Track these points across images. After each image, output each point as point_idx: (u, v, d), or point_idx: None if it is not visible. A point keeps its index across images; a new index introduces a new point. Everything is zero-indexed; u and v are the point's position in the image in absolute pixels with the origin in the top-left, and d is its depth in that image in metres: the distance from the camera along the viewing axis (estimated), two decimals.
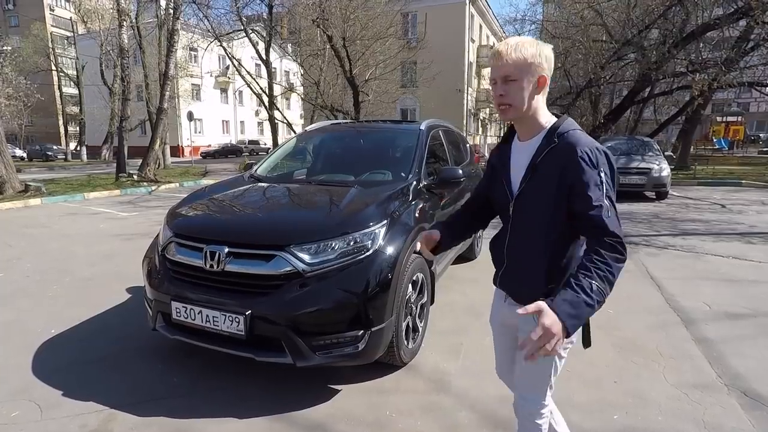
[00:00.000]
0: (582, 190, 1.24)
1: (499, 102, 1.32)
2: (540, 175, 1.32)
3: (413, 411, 2.34)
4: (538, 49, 1.29)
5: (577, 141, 1.28)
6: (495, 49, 1.32)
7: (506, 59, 1.28)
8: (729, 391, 2.47)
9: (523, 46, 1.28)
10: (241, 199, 3.01)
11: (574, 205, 1.26)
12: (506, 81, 1.29)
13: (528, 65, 1.27)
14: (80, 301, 3.86)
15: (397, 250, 2.49)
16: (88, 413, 2.32)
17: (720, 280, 4.36)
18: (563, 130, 1.31)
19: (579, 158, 1.25)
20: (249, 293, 2.30)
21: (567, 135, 1.30)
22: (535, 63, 1.28)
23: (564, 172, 1.26)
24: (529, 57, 1.27)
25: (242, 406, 2.38)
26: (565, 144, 1.28)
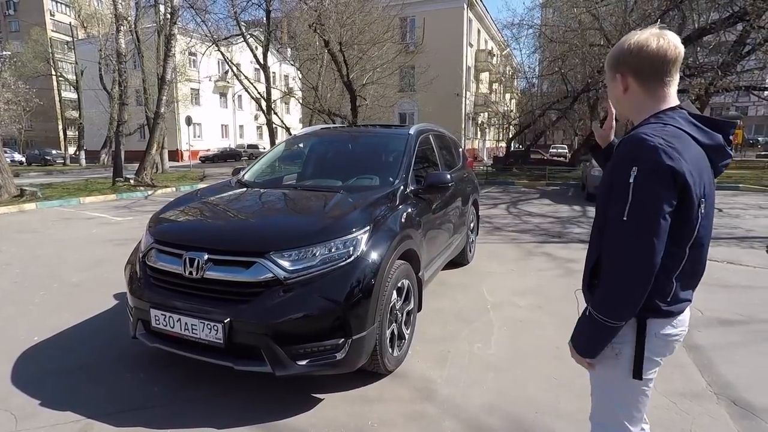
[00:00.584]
0: (613, 187, 1.13)
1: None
2: (607, 167, 1.26)
3: (396, 420, 2.30)
4: (623, 44, 1.21)
5: (630, 137, 1.13)
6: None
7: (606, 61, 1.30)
8: (718, 400, 2.42)
9: (619, 44, 1.23)
10: (224, 205, 2.98)
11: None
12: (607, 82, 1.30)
13: (610, 67, 1.26)
14: (66, 308, 3.82)
15: (381, 256, 2.45)
16: (63, 423, 2.27)
17: (714, 286, 4.31)
18: (636, 128, 1.18)
19: (621, 148, 1.14)
20: (228, 301, 2.26)
21: (632, 133, 1.15)
22: (615, 64, 1.24)
23: (613, 163, 1.16)
24: (613, 57, 1.24)
25: (222, 415, 2.33)
26: (622, 142, 1.17)
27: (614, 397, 1.30)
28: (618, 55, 1.22)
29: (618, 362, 1.25)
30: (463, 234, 4.65)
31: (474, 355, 2.99)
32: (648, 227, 1.07)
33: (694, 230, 1.14)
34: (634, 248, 1.09)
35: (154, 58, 19.22)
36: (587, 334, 1.23)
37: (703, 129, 1.17)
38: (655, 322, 1.21)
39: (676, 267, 1.17)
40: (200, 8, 15.42)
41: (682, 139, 1.11)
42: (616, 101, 1.29)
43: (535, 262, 5.27)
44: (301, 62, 18.56)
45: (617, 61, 1.23)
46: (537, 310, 3.75)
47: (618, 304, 1.15)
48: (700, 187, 1.10)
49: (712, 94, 12.45)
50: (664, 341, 1.24)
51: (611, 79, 1.27)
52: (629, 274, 1.11)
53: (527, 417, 2.31)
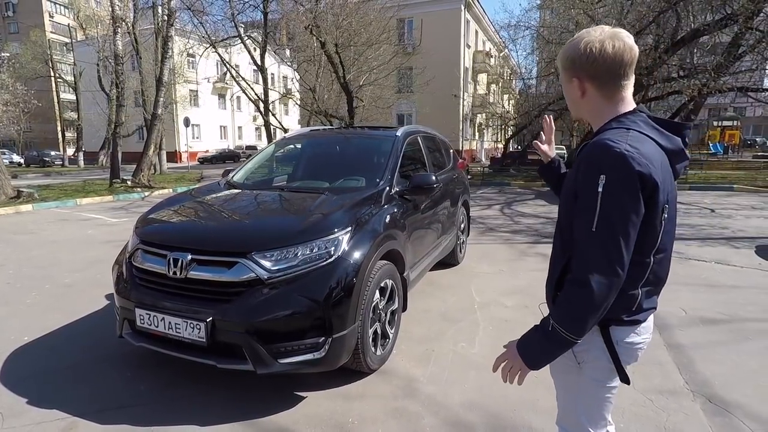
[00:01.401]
0: (578, 196, 1.10)
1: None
2: (569, 174, 1.23)
3: (377, 417, 2.34)
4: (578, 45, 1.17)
5: (596, 142, 1.09)
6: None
7: (558, 62, 1.25)
8: (694, 398, 2.46)
9: (569, 45, 1.19)
10: (210, 207, 3.02)
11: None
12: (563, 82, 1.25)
13: (564, 69, 1.22)
14: (57, 308, 3.86)
15: (362, 256, 2.49)
16: (49, 421, 2.31)
17: (700, 285, 4.36)
18: (602, 130, 1.16)
19: (585, 155, 1.10)
20: (211, 300, 2.30)
21: (597, 137, 1.12)
22: (566, 67, 1.21)
23: (577, 171, 1.13)
24: (566, 59, 1.20)
25: (206, 413, 2.37)
26: (588, 146, 1.12)
27: (579, 403, 1.29)
28: (574, 59, 1.17)
29: (581, 371, 1.24)
30: (453, 234, 4.69)
31: (457, 354, 3.03)
32: (618, 238, 1.03)
33: (658, 237, 1.12)
34: (604, 261, 1.05)
35: (152, 59, 19.27)
36: (543, 346, 1.16)
37: (663, 132, 1.16)
38: (619, 330, 1.19)
39: (642, 276, 1.15)
40: (197, 10, 15.47)
41: (646, 144, 1.09)
42: (574, 105, 1.26)
43: (527, 263, 5.31)
44: (299, 63, 18.63)
45: (573, 64, 1.18)
46: (523, 310, 3.79)
47: (583, 319, 1.08)
48: (664, 193, 1.09)
49: (705, 95, 12.50)
50: (629, 349, 1.21)
51: (567, 82, 1.22)
52: (598, 289, 1.05)
53: (506, 414, 2.35)
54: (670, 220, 1.15)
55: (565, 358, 1.22)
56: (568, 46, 1.20)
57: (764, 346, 3.05)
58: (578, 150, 1.20)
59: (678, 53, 13.47)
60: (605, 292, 1.05)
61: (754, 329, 3.33)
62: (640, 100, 17.24)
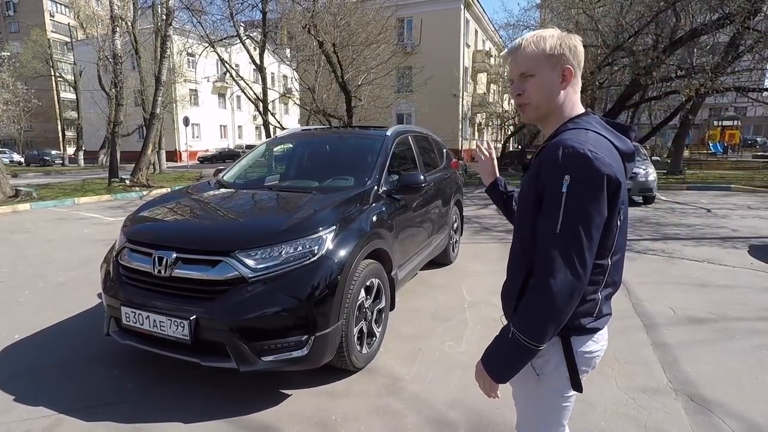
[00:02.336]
0: (543, 198, 1.08)
1: (518, 102, 1.20)
2: (526, 177, 1.18)
3: (360, 416, 2.36)
4: (561, 41, 1.14)
5: (559, 140, 1.08)
6: (512, 44, 1.20)
7: (520, 54, 1.16)
8: (676, 396, 2.48)
9: (543, 38, 1.14)
10: (198, 206, 3.04)
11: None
12: (522, 77, 1.17)
13: (547, 57, 1.13)
14: (49, 307, 3.88)
15: (347, 255, 2.51)
16: (35, 418, 2.33)
17: (690, 285, 4.37)
18: (562, 129, 1.15)
19: (547, 156, 1.08)
20: (195, 298, 2.32)
21: (560, 136, 1.11)
22: (556, 53, 1.13)
23: (538, 173, 1.10)
24: (548, 49, 1.13)
25: (190, 410, 2.39)
26: (551, 145, 1.10)
27: (538, 413, 1.28)
28: (563, 47, 1.14)
29: (540, 382, 1.22)
30: (445, 234, 4.70)
31: (444, 353, 3.05)
32: (581, 240, 1.02)
33: (615, 238, 1.12)
34: (567, 263, 1.02)
35: (151, 59, 19.30)
36: (506, 355, 1.13)
37: (616, 134, 1.16)
38: (578, 340, 1.17)
39: (602, 279, 1.13)
40: (196, 9, 15.47)
41: (605, 145, 1.09)
42: (546, 99, 1.17)
43: None
44: (298, 63, 18.63)
45: (563, 52, 1.13)
46: None
47: (546, 325, 1.06)
48: (624, 193, 1.09)
49: (703, 95, 12.49)
50: (587, 359, 1.20)
51: (548, 73, 1.15)
52: (561, 292, 1.02)
53: (488, 412, 2.36)
54: (624, 220, 1.15)
55: (524, 369, 1.18)
56: (545, 38, 1.14)
57: (749, 346, 3.06)
58: (537, 152, 1.18)
59: (677, 53, 13.45)
60: (568, 297, 1.03)
61: (740, 328, 3.34)
62: (639, 100, 17.25)
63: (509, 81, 1.22)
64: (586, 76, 14.84)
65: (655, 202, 10.01)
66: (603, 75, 15.19)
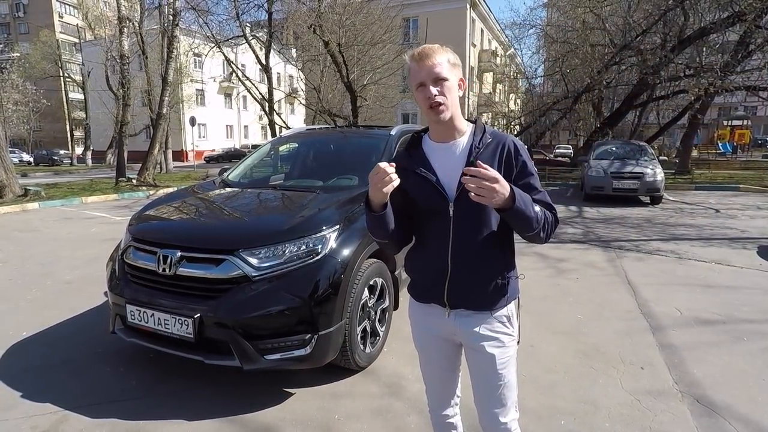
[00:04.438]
0: (527, 178, 1.35)
1: (435, 102, 1.28)
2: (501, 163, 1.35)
3: (362, 415, 2.36)
4: (455, 55, 1.34)
5: (507, 137, 1.39)
6: (420, 51, 1.31)
7: (437, 59, 1.28)
8: (682, 398, 2.45)
9: (443, 49, 1.32)
10: (202, 205, 3.06)
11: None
12: (438, 81, 1.29)
13: (452, 66, 1.31)
14: (56, 305, 3.92)
15: (350, 254, 2.51)
16: (41, 415, 2.35)
17: (697, 286, 4.32)
18: (489, 130, 1.39)
19: (520, 151, 1.36)
20: (199, 297, 2.33)
21: (495, 133, 1.39)
22: (456, 64, 1.33)
23: (508, 165, 1.34)
24: (451, 58, 1.32)
25: (194, 408, 2.40)
26: (500, 140, 1.36)
27: (513, 376, 1.44)
28: (458, 60, 1.35)
29: (513, 340, 1.43)
30: None
31: None
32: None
33: None
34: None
35: (158, 59, 19.43)
36: (526, 209, 1.24)
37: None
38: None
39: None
40: (202, 10, 15.56)
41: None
42: (454, 104, 1.34)
43: (525, 262, 5.29)
44: (304, 63, 18.67)
45: (459, 64, 1.35)
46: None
47: (545, 226, 1.32)
48: None
49: (712, 94, 12.36)
50: None
51: (454, 81, 1.32)
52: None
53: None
54: None
55: (508, 333, 1.41)
56: (448, 51, 1.34)
57: (757, 347, 3.03)
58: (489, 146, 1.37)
59: (685, 52, 13.33)
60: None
61: (748, 330, 3.30)
62: (646, 99, 17.11)
63: (417, 84, 1.33)
64: (593, 75, 14.76)
65: (662, 202, 9.93)
66: (610, 74, 15.07)
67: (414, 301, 1.53)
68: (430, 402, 1.65)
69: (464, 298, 1.38)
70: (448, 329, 1.44)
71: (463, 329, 1.41)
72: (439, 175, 1.36)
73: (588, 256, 5.49)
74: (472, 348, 1.43)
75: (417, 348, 1.60)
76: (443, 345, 1.51)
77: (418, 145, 1.45)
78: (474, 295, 1.37)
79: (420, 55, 1.30)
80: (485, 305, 1.38)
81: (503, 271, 1.38)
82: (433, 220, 1.38)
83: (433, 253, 1.39)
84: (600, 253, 5.67)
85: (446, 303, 1.40)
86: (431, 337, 1.51)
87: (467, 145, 1.35)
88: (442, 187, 1.35)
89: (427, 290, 1.45)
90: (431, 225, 1.40)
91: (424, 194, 1.38)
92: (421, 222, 1.44)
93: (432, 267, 1.40)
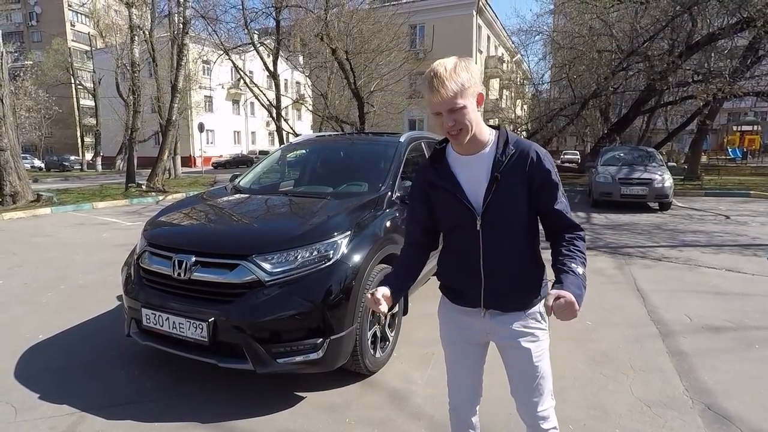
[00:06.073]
0: (550, 189, 1.36)
1: (453, 131, 1.30)
2: (506, 183, 1.34)
3: (373, 419, 2.38)
4: (469, 70, 1.28)
5: (532, 146, 1.38)
6: (431, 80, 1.28)
7: (445, 93, 1.25)
8: (693, 405, 2.45)
9: (457, 73, 1.26)
10: (215, 210, 3.12)
11: (542, 203, 1.38)
12: (453, 111, 1.27)
13: (467, 90, 1.26)
14: (71, 308, 3.99)
15: (361, 259, 2.55)
16: (60, 416, 2.41)
17: (707, 293, 4.30)
18: (513, 139, 1.38)
19: (544, 162, 1.36)
20: (213, 301, 2.38)
21: (519, 142, 1.38)
22: (472, 84, 1.27)
23: (531, 175, 1.34)
24: (466, 82, 1.26)
25: (208, 410, 2.44)
26: (524, 151, 1.36)
27: (548, 367, 1.48)
28: (472, 75, 1.28)
29: (546, 333, 1.48)
30: None
31: None
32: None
33: None
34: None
35: (167, 66, 19.70)
36: (583, 297, 1.27)
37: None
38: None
39: None
40: (212, 18, 15.80)
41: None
42: (474, 123, 1.32)
43: None
44: (311, 70, 18.87)
45: (474, 80, 1.28)
46: None
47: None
48: None
49: (721, 100, 12.30)
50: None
51: (471, 104, 1.29)
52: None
53: (501, 417, 2.37)
54: None
55: (542, 327, 1.45)
56: (469, 67, 1.29)
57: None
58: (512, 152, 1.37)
59: (693, 57, 13.29)
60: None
61: (759, 337, 3.28)
62: (654, 105, 17.06)
63: (435, 113, 1.32)
64: (600, 81, 14.76)
65: (671, 208, 9.87)
66: (617, 80, 15.06)
67: (448, 301, 1.55)
68: (452, 401, 1.67)
69: (500, 304, 1.43)
70: (482, 328, 1.48)
71: (499, 326, 1.45)
72: (465, 190, 1.39)
73: (596, 263, 5.48)
74: (508, 344, 1.46)
75: (444, 347, 1.63)
76: (471, 346, 1.55)
77: (442, 157, 1.45)
78: (509, 301, 1.43)
79: (431, 86, 1.27)
80: (520, 308, 1.44)
81: (535, 277, 1.44)
82: (462, 232, 1.42)
83: (465, 263, 1.42)
84: (608, 260, 5.65)
85: (482, 306, 1.44)
86: (461, 337, 1.54)
87: (491, 157, 1.36)
88: (469, 202, 1.37)
89: (462, 295, 1.48)
90: (461, 237, 1.43)
91: (451, 209, 1.41)
92: (450, 232, 1.48)
93: (465, 276, 1.44)
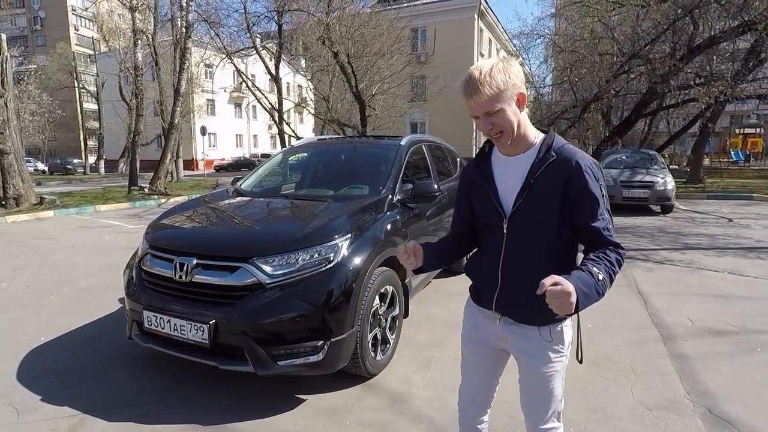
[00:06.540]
0: (588, 203, 1.28)
1: (493, 134, 1.29)
2: (539, 189, 1.30)
3: (373, 421, 2.38)
4: (507, 72, 1.23)
5: (575, 154, 1.30)
6: (466, 85, 1.25)
7: (479, 97, 1.22)
8: (694, 408, 2.44)
9: (492, 76, 1.22)
10: (217, 213, 3.13)
11: (579, 217, 1.29)
12: (488, 115, 1.25)
13: (503, 92, 1.23)
14: (73, 311, 4.00)
15: (362, 262, 2.55)
16: (61, 418, 2.41)
17: (709, 296, 4.29)
18: (558, 145, 1.32)
19: (584, 172, 1.28)
20: (214, 303, 2.39)
21: (563, 149, 1.31)
22: (509, 86, 1.23)
23: (568, 185, 1.27)
24: (502, 84, 1.22)
25: (209, 412, 2.45)
26: (565, 158, 1.29)
27: (561, 387, 1.43)
28: (508, 77, 1.23)
29: (561, 356, 1.40)
30: None
31: (458, 360, 3.01)
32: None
33: None
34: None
35: (170, 70, 19.80)
36: (593, 300, 1.18)
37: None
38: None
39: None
40: (214, 22, 15.88)
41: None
42: (518, 123, 1.29)
43: None
44: (313, 73, 18.92)
45: (511, 81, 1.23)
46: None
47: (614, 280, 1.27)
48: None
49: (722, 103, 12.28)
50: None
51: (509, 107, 1.25)
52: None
53: (501, 420, 2.36)
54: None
55: (555, 349, 1.38)
56: (507, 69, 1.23)
57: None
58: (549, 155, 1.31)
59: (695, 60, 13.28)
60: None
61: (762, 341, 3.27)
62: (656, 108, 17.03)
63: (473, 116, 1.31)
64: (601, 84, 14.75)
65: (673, 211, 9.85)
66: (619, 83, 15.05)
67: (471, 301, 1.58)
68: (462, 402, 1.68)
69: (511, 311, 1.41)
70: (497, 335, 1.48)
71: (510, 336, 1.43)
72: (499, 191, 1.38)
73: None
74: (518, 356, 1.46)
75: (462, 346, 1.65)
76: (488, 349, 1.55)
77: (487, 156, 1.45)
78: (521, 310, 1.39)
79: (465, 90, 1.25)
80: (532, 321, 1.37)
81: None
82: (490, 233, 1.43)
83: (487, 263, 1.43)
84: None
85: (494, 309, 1.44)
86: (477, 337, 1.56)
87: (530, 161, 1.33)
88: (500, 203, 1.37)
89: (480, 295, 1.51)
90: (488, 237, 1.45)
91: (482, 208, 1.43)
92: (482, 231, 1.49)
93: (485, 276, 1.45)
